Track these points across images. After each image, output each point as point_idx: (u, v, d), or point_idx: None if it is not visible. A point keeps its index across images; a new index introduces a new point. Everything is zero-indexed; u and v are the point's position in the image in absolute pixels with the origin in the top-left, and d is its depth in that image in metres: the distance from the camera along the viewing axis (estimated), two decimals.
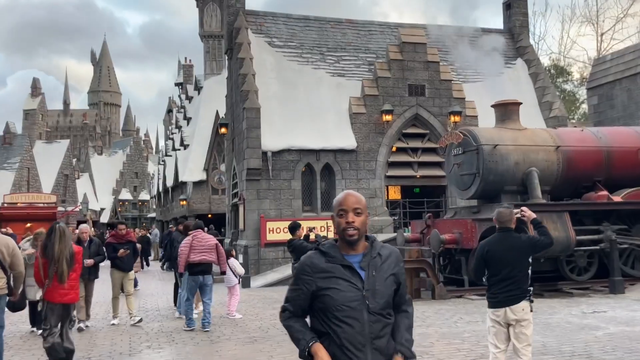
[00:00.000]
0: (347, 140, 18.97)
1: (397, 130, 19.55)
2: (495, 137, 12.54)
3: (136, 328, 9.46)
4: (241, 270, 11.01)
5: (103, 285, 11.72)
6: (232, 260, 10.59)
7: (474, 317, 9.39)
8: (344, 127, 19.21)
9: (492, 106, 13.62)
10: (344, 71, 20.51)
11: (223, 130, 20.55)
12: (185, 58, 52.12)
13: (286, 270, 16.16)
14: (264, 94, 18.66)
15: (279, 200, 18.25)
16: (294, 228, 9.22)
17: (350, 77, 20.39)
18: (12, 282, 6.40)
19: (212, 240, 9.54)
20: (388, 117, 19.10)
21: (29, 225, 26.16)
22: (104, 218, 71.06)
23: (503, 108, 13.28)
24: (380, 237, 15.90)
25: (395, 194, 21.22)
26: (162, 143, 79.48)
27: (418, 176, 19.81)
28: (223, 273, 10.33)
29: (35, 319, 8.94)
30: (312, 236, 10.86)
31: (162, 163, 47.39)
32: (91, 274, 9.48)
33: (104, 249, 10.25)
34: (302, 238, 9.45)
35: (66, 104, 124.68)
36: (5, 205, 28.27)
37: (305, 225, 17.23)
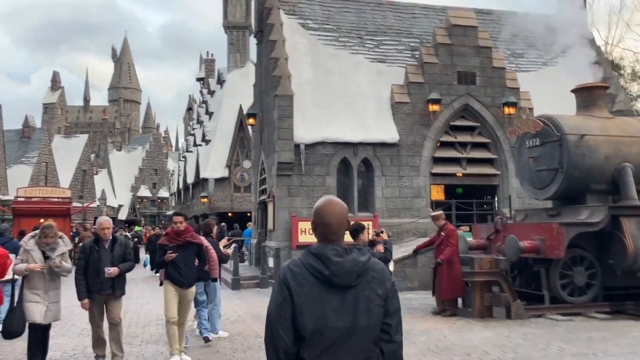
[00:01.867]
0: (388, 132, 17.03)
1: (445, 122, 17.54)
2: (581, 126, 10.52)
3: (152, 346, 7.63)
4: None
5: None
6: None
7: (579, 348, 7.40)
8: (385, 118, 17.27)
9: (573, 91, 11.60)
10: (385, 57, 18.58)
11: (251, 120, 18.73)
12: (207, 52, 50.71)
13: None
14: (297, 81, 16.81)
15: (312, 198, 16.34)
16: (356, 231, 7.28)
17: (391, 63, 18.45)
18: None
19: (201, 242, 7.97)
20: (435, 107, 17.12)
21: (42, 220, 24.70)
22: (122, 215, 69.91)
23: (586, 93, 11.26)
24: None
25: (438, 194, 19.24)
26: (181, 141, 78.22)
27: (460, 174, 17.80)
28: (214, 280, 8.53)
29: (35, 350, 6.40)
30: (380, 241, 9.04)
31: (183, 159, 45.89)
32: (116, 288, 6.65)
33: (141, 251, 8.39)
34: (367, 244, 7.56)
35: (86, 100, 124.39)
36: (19, 199, 26.77)
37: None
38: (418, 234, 16.65)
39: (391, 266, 8.03)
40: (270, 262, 15.20)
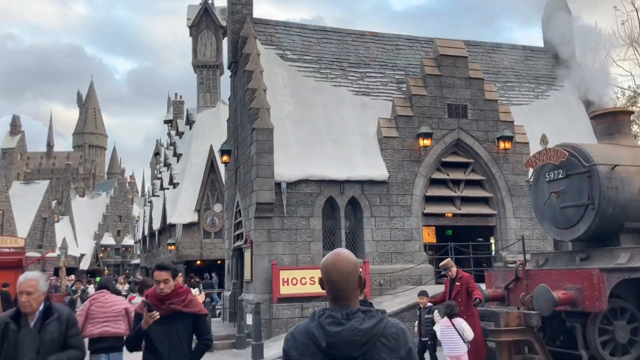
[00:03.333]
0: (376, 169, 15.57)
1: (436, 158, 16.19)
2: (611, 156, 9.18)
3: None
4: (470, 334, 8.04)
5: None
6: (459, 321, 8.02)
7: None
8: (373, 153, 15.84)
9: (593, 117, 10.36)
10: (369, 89, 17.28)
11: (225, 158, 17.05)
12: (176, 94, 49.13)
13: None
14: (276, 114, 15.31)
15: (295, 243, 14.65)
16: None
17: (376, 96, 17.16)
18: None
19: (119, 304, 6.55)
20: (426, 142, 15.78)
21: None
22: (84, 264, 66.37)
23: (610, 118, 9.98)
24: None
25: (429, 236, 17.73)
26: (148, 186, 75.72)
27: (450, 215, 16.39)
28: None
29: None
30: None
31: (149, 204, 43.59)
32: None
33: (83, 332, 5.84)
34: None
35: (50, 146, 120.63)
36: None
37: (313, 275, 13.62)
38: (412, 281, 15.02)
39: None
40: (249, 319, 13.28)
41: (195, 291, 19.79)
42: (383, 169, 15.56)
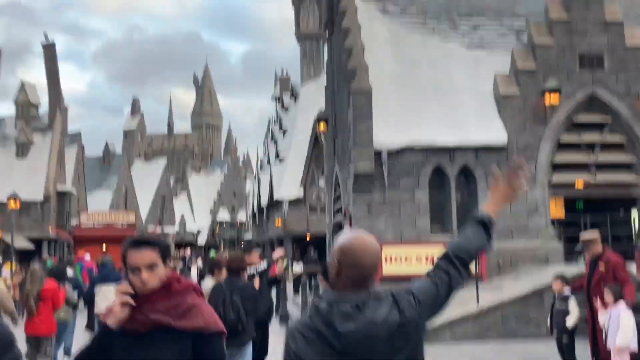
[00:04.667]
0: (493, 132, 13.57)
1: (565, 118, 13.85)
2: None
3: None
4: None
5: None
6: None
7: None
8: (488, 115, 13.83)
9: None
10: (483, 42, 15.18)
11: (322, 126, 15.83)
12: (282, 69, 48.85)
13: None
14: (376, 75, 13.73)
15: (398, 218, 13.16)
16: None
17: (492, 49, 15.00)
18: None
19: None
20: (553, 99, 13.47)
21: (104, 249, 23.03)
22: (202, 240, 69.11)
23: None
24: (550, 272, 10.24)
25: (556, 209, 15.38)
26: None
27: (580, 185, 14.00)
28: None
29: None
30: None
31: (257, 180, 43.92)
32: None
33: None
34: None
35: (170, 127, 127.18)
36: (81, 225, 25.25)
37: (428, 253, 12.07)
38: (537, 261, 12.96)
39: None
40: None
41: (296, 268, 18.92)
42: (501, 132, 13.53)
